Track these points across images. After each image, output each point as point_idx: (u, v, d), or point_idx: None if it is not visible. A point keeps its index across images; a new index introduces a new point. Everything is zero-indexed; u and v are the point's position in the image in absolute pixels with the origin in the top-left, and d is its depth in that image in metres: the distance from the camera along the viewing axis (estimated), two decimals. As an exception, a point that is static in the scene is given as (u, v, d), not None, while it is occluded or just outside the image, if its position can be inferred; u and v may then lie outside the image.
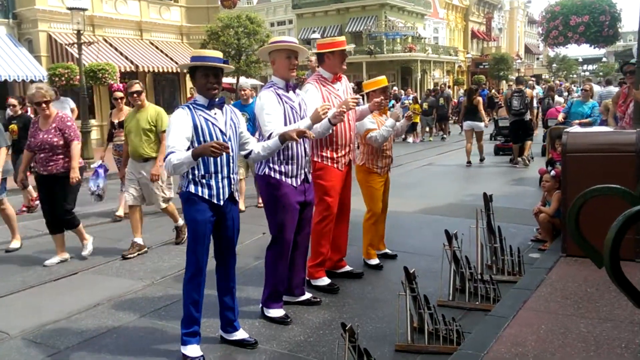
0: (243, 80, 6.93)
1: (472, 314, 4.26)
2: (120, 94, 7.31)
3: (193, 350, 3.59)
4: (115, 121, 7.43)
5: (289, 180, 4.11)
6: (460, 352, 3.31)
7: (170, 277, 5.33)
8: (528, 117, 12.38)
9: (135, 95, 6.21)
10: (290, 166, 4.11)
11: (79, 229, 6.05)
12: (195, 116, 3.48)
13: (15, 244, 6.52)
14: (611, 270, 1.77)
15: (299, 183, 4.16)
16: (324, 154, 4.74)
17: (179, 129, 3.42)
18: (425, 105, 18.85)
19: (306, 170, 4.24)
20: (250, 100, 7.94)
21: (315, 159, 4.70)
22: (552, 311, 3.84)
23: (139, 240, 6.18)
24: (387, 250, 5.73)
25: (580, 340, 3.35)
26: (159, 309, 4.52)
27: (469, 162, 12.77)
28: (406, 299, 3.68)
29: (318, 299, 4.55)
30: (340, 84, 4.87)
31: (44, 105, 5.67)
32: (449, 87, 26.05)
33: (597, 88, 14.02)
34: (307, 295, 4.55)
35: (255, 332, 3.97)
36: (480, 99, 13.29)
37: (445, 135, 20.32)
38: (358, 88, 11.25)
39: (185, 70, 4.10)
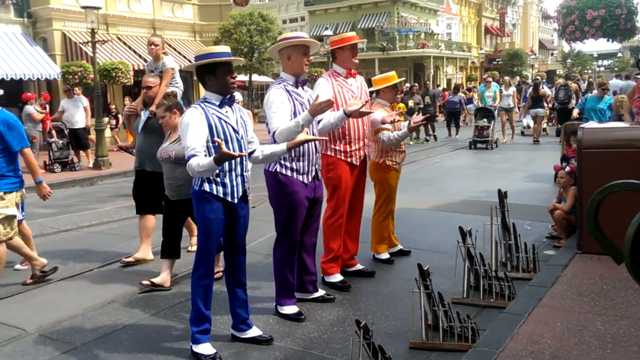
0: None
1: (487, 311, 4.23)
2: None
3: (206, 348, 3.59)
4: None
5: (300, 177, 4.10)
6: (475, 350, 3.29)
7: (184, 274, 5.34)
8: (572, 105, 14.81)
9: None
10: (301, 163, 4.09)
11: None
12: (209, 115, 3.45)
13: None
14: (632, 266, 1.74)
15: (309, 180, 4.15)
16: (337, 147, 4.72)
17: (196, 129, 3.39)
18: (410, 103, 16.73)
19: (316, 167, 4.23)
20: None
21: (328, 153, 4.70)
22: (568, 308, 3.81)
23: None
24: (401, 247, 5.71)
25: (596, 338, 3.32)
26: (174, 306, 4.54)
27: (535, 140, 15.92)
28: (420, 296, 3.67)
29: (332, 296, 4.54)
30: (354, 80, 4.87)
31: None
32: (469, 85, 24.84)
33: (619, 82, 14.75)
34: (321, 292, 4.54)
35: (269, 329, 3.97)
36: (545, 90, 17.09)
37: (428, 137, 17.70)
38: (369, 85, 11.22)
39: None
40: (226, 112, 3.54)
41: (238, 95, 7.83)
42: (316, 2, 39.61)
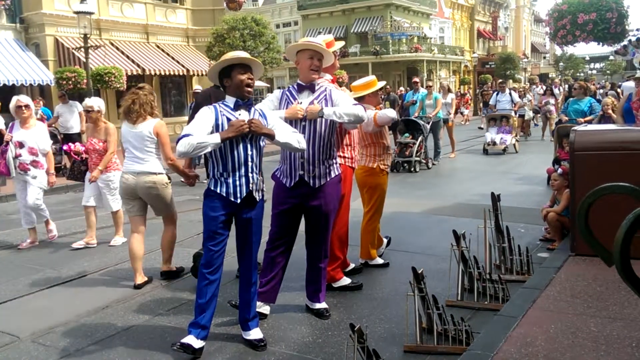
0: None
1: (481, 314, 4.25)
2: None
3: (190, 339, 3.63)
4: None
5: (284, 179, 4.17)
6: (469, 353, 3.30)
7: (179, 278, 5.33)
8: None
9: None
10: (284, 165, 4.16)
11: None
12: (219, 115, 3.61)
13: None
14: (622, 268, 1.76)
15: (291, 184, 4.12)
16: (346, 155, 4.72)
17: (201, 122, 3.57)
18: None
19: (311, 173, 4.08)
20: None
21: (340, 162, 4.52)
22: (562, 310, 3.82)
23: None
24: (382, 246, 5.75)
25: (590, 340, 3.33)
26: (168, 311, 4.53)
27: None
28: (414, 299, 3.68)
29: (328, 314, 4.31)
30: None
31: None
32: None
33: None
34: (323, 305, 4.37)
35: (264, 334, 3.95)
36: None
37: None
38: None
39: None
40: (239, 114, 3.64)
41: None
42: (309, 6, 39.66)
